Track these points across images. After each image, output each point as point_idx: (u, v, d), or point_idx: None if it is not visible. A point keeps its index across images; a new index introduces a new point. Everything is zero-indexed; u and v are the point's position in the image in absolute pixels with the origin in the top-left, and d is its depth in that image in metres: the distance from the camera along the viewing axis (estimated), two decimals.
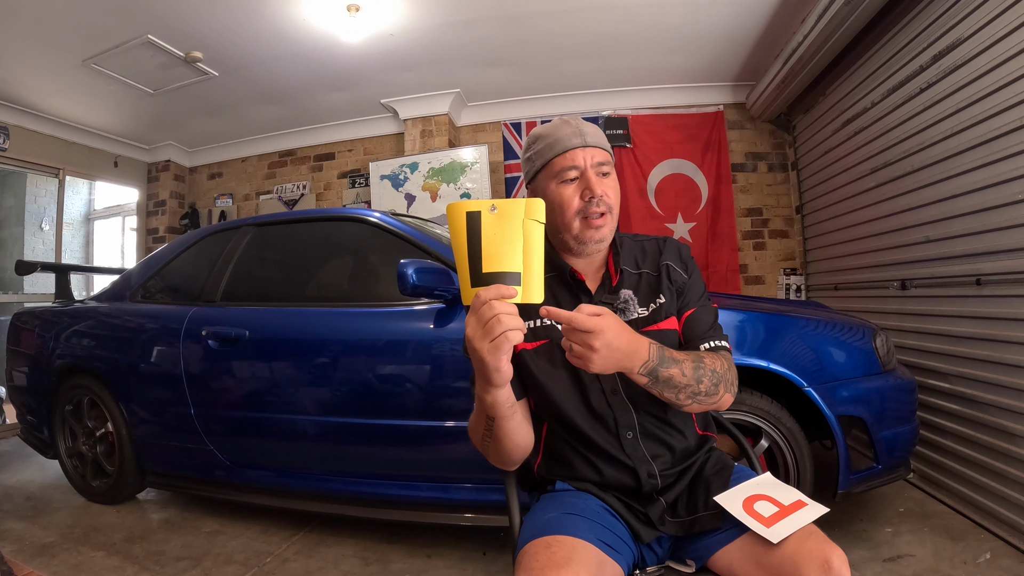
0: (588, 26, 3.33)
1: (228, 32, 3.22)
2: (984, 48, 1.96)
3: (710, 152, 4.24)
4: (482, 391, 0.79)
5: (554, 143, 0.96)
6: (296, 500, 2.08)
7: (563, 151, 0.95)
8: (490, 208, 0.71)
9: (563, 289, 1.00)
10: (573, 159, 0.94)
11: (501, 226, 0.71)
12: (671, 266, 1.02)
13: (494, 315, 0.69)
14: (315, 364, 1.98)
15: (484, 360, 0.72)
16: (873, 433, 1.77)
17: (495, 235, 0.71)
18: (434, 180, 4.29)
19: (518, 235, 0.71)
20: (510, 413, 0.83)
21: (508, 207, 0.71)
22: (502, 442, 0.87)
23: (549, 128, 0.98)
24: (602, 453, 0.94)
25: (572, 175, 0.95)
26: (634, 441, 0.94)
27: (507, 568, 1.84)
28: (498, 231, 0.71)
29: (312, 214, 2.49)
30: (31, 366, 2.69)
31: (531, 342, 0.96)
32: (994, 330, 1.99)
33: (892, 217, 2.64)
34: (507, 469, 0.97)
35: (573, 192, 0.95)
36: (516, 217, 0.71)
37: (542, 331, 0.97)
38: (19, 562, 1.92)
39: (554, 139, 0.96)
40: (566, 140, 0.95)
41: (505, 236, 0.71)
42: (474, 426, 0.89)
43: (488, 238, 0.70)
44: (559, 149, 0.95)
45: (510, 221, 0.71)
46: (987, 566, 1.72)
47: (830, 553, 0.76)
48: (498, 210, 0.71)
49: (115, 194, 5.46)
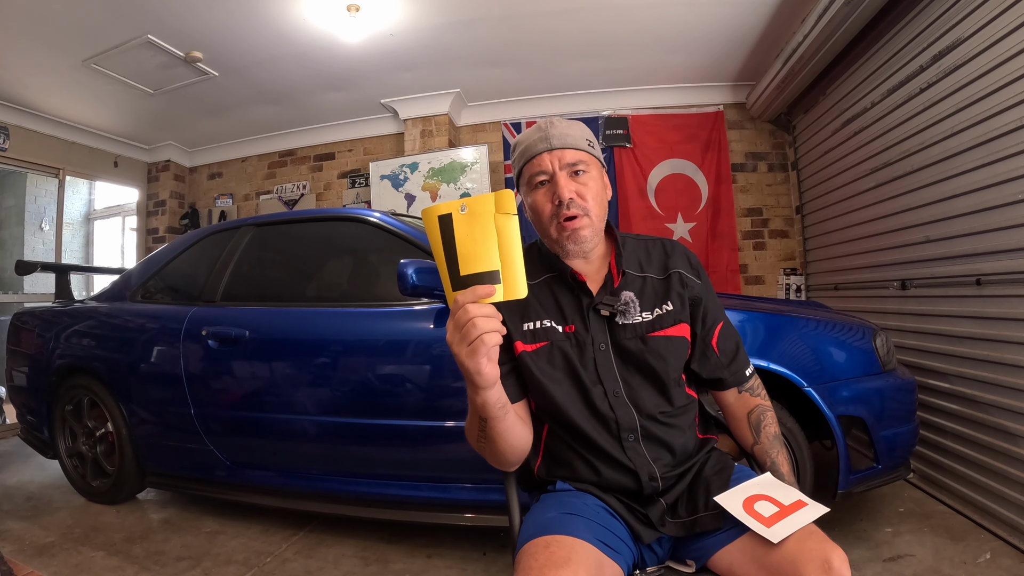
0: (588, 26, 3.33)
1: (228, 32, 3.22)
2: (984, 48, 1.96)
3: (710, 152, 4.24)
4: (471, 393, 0.80)
5: (524, 150, 0.97)
6: (296, 500, 2.08)
7: (531, 157, 0.96)
8: (460, 208, 0.70)
9: (564, 290, 1.00)
10: (540, 164, 0.95)
11: (473, 225, 0.70)
12: (683, 274, 1.02)
13: (469, 319, 0.69)
14: (315, 364, 1.98)
15: (464, 364, 0.73)
16: (873, 433, 1.77)
17: (468, 235, 0.70)
18: (434, 180, 4.29)
19: (491, 232, 0.70)
20: (501, 414, 0.83)
21: (478, 205, 0.70)
22: (496, 443, 0.87)
23: (524, 134, 1.00)
24: (603, 455, 0.94)
25: (541, 179, 0.95)
26: (635, 444, 0.94)
27: (507, 568, 1.84)
28: (471, 231, 0.70)
29: (312, 214, 2.49)
30: (31, 366, 2.69)
31: (531, 344, 0.96)
32: (994, 330, 1.99)
33: (892, 217, 2.64)
34: (505, 470, 0.97)
35: (544, 197, 0.96)
36: (487, 214, 0.70)
37: (542, 333, 0.96)
38: (19, 562, 1.92)
39: (525, 146, 0.97)
40: (533, 146, 0.96)
41: (478, 235, 0.70)
42: (469, 427, 0.90)
43: (462, 239, 0.70)
44: (528, 156, 0.96)
45: (482, 219, 0.70)
46: (987, 566, 1.72)
47: (830, 553, 0.76)
48: (468, 209, 0.70)
49: (115, 194, 5.46)
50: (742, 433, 1.04)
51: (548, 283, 1.01)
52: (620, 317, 0.96)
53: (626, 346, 0.96)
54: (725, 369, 1.03)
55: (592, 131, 1.18)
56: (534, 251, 1.05)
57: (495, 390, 0.79)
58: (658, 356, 0.95)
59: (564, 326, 0.97)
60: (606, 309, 0.96)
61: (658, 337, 0.96)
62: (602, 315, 0.96)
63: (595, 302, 0.97)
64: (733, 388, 1.04)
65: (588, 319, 0.97)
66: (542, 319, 0.97)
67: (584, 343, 0.96)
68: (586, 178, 0.96)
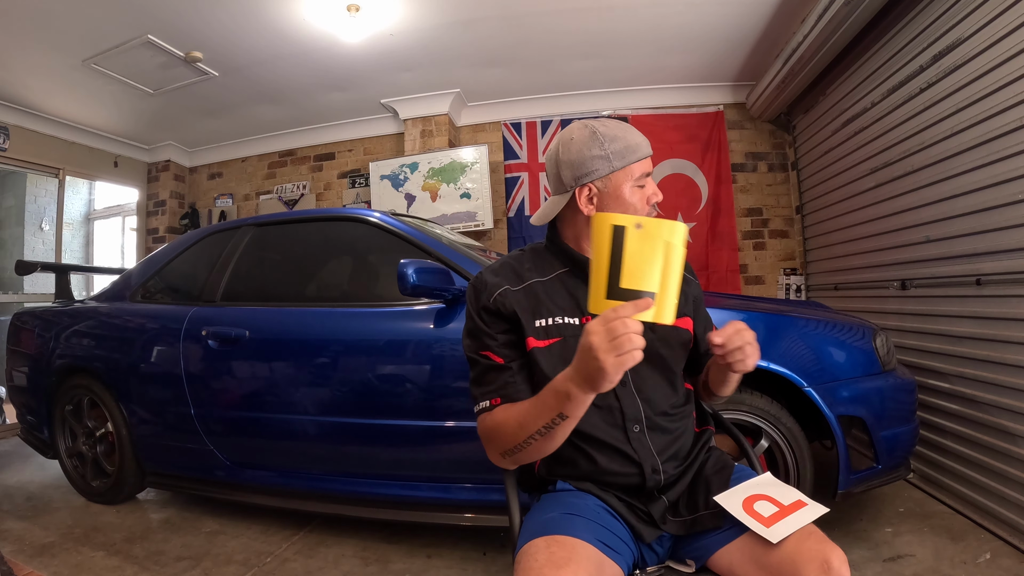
0: (588, 26, 3.33)
1: (228, 32, 3.22)
2: (984, 48, 1.96)
3: (710, 152, 4.24)
4: (579, 391, 0.76)
5: (634, 147, 0.97)
6: (296, 500, 2.08)
7: (643, 157, 0.98)
8: (635, 225, 0.72)
9: (579, 283, 1.00)
10: (646, 166, 0.98)
11: (644, 244, 0.72)
12: (685, 275, 1.05)
13: (627, 332, 0.69)
14: (315, 364, 1.98)
15: (606, 371, 0.71)
16: (873, 433, 1.77)
17: (637, 252, 0.72)
18: (434, 180, 4.29)
19: (659, 255, 0.72)
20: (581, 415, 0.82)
21: (653, 227, 0.72)
22: (554, 441, 0.85)
23: (616, 130, 0.98)
24: (607, 447, 0.94)
25: (645, 179, 0.98)
26: (640, 435, 0.94)
27: (507, 568, 1.84)
28: (640, 248, 0.72)
29: (312, 214, 2.49)
30: (31, 366, 2.69)
31: (543, 339, 0.95)
32: (994, 330, 1.99)
33: (892, 217, 2.64)
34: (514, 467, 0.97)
35: (642, 196, 0.98)
36: (659, 238, 0.72)
37: (555, 329, 0.96)
38: (19, 562, 1.92)
39: (633, 143, 0.97)
40: (644, 147, 0.98)
41: (647, 255, 0.72)
42: (520, 424, 0.85)
43: (630, 254, 0.72)
44: (640, 154, 0.97)
45: (653, 241, 0.72)
46: (987, 566, 1.72)
47: (830, 553, 0.76)
48: (643, 228, 0.72)
49: (115, 194, 5.46)
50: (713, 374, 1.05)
51: (560, 278, 1.01)
52: None
53: None
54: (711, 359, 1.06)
55: None
56: (541, 250, 1.06)
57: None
58: (667, 345, 0.98)
59: (582, 317, 0.97)
60: None
61: (667, 327, 0.97)
62: None
63: None
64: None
65: None
66: (555, 316, 0.97)
67: None
68: None
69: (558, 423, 0.81)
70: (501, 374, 0.93)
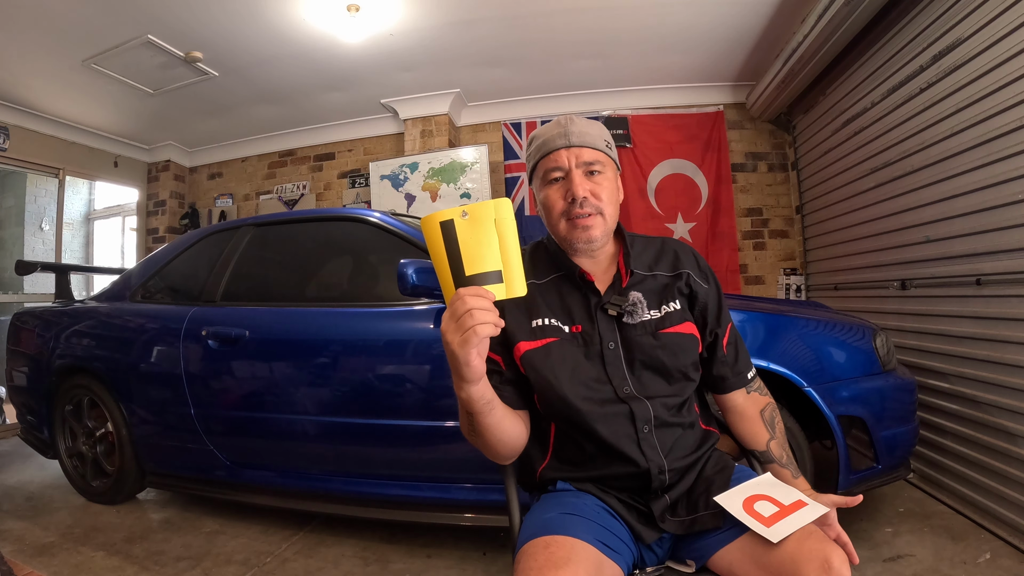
0: (588, 26, 3.33)
1: (228, 32, 3.22)
2: (984, 48, 1.96)
3: (710, 152, 4.24)
4: (456, 387, 0.80)
5: (542, 144, 0.97)
6: (296, 500, 2.08)
7: (548, 152, 0.96)
8: (461, 214, 0.74)
9: (572, 290, 1.00)
10: (557, 160, 0.95)
11: (475, 229, 0.74)
12: (691, 275, 1.02)
13: (467, 310, 0.71)
14: (315, 364, 1.98)
15: (455, 354, 0.73)
16: (873, 433, 1.77)
17: (471, 239, 0.74)
18: (434, 180, 4.29)
19: (492, 235, 0.75)
20: (487, 410, 0.83)
21: (478, 211, 0.75)
22: (485, 436, 0.88)
23: (542, 129, 1.00)
24: (614, 448, 0.93)
25: (555, 175, 0.96)
26: (649, 435, 0.94)
27: (507, 568, 1.84)
28: (473, 234, 0.74)
29: (312, 214, 2.49)
30: (31, 366, 2.69)
31: (534, 341, 0.95)
32: (994, 330, 1.99)
33: (892, 217, 2.64)
34: (500, 463, 0.98)
35: (556, 193, 0.96)
36: (487, 219, 0.75)
37: (549, 330, 0.96)
38: (19, 562, 1.92)
39: (542, 140, 0.97)
40: (551, 141, 0.96)
41: (480, 239, 0.74)
42: (461, 421, 0.90)
43: (465, 243, 0.74)
44: (545, 150, 0.96)
45: (483, 224, 0.75)
46: (987, 566, 1.72)
47: (830, 553, 0.76)
48: (469, 215, 0.74)
49: (115, 194, 5.46)
50: (755, 430, 1.04)
51: (555, 282, 1.01)
52: (628, 317, 0.96)
53: (638, 342, 0.96)
54: (730, 368, 1.04)
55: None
56: (540, 250, 1.05)
57: (480, 385, 0.80)
58: (670, 352, 0.96)
59: (571, 326, 0.97)
60: (614, 309, 0.96)
61: (670, 334, 0.96)
62: (610, 315, 0.96)
63: (603, 302, 0.97)
64: (740, 389, 1.05)
65: (596, 319, 0.97)
66: (548, 317, 0.97)
67: (591, 342, 0.96)
68: (601, 178, 0.96)
69: (472, 420, 0.85)
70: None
